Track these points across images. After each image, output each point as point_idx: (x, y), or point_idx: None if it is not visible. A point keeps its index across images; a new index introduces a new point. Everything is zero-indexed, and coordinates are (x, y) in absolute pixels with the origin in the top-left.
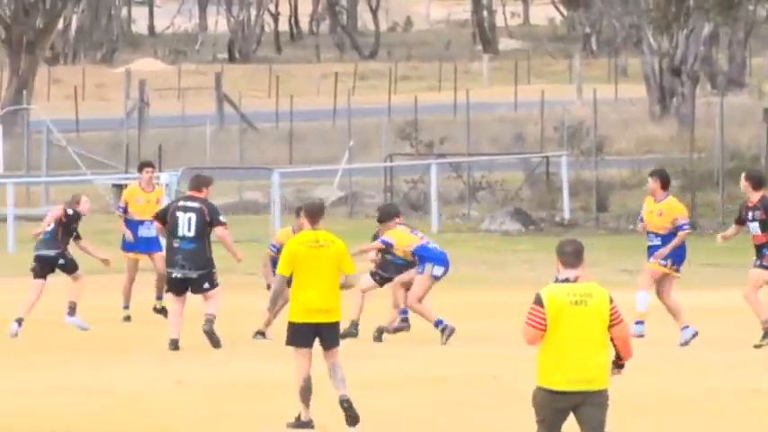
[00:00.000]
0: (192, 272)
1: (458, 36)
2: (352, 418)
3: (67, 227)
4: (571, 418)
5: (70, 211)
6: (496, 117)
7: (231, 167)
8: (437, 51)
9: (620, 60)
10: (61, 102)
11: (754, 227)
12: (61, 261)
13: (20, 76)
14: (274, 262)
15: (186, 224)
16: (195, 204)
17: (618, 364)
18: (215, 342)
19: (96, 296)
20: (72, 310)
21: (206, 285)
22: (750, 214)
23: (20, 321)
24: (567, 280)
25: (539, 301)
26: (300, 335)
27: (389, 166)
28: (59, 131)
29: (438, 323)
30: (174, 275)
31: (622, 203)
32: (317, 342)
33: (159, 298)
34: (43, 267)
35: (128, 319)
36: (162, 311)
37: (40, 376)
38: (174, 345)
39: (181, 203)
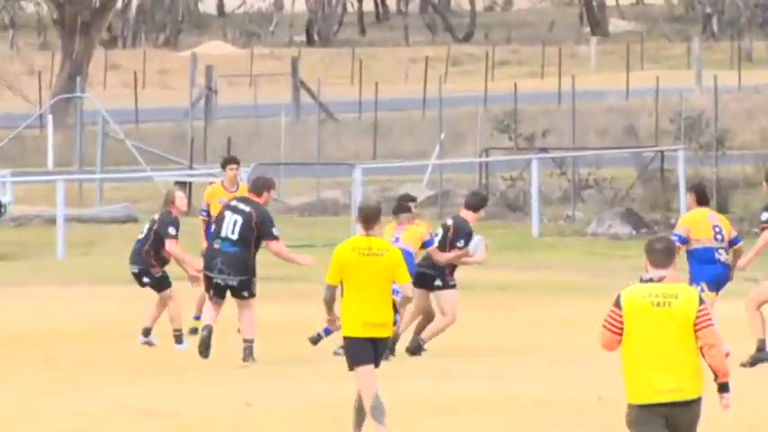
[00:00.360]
0: (231, 278)
1: (563, 16)
2: None
3: (155, 235)
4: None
5: (155, 216)
6: (605, 107)
7: (308, 163)
8: (540, 33)
9: (744, 44)
10: (119, 89)
11: None
12: (146, 279)
13: (73, 60)
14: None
15: (231, 226)
16: (246, 208)
17: (720, 385)
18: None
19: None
20: (146, 332)
21: (245, 293)
22: None
23: (146, 332)
24: (650, 280)
25: (617, 303)
26: (361, 349)
27: (485, 161)
28: (116, 122)
29: None
30: (214, 281)
31: (745, 204)
32: None
33: (197, 317)
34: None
35: (194, 331)
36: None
37: (100, 396)
38: (208, 333)
39: (233, 203)
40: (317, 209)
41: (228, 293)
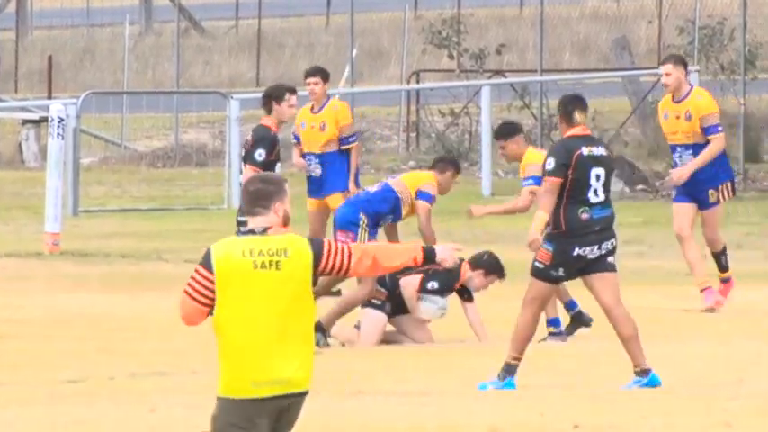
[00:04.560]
0: None
1: None
2: None
3: None
4: None
5: None
6: (587, 11)
7: (163, 92)
8: None
9: None
10: None
11: None
12: None
13: None
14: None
15: None
16: None
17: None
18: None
19: None
20: None
21: None
22: None
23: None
24: (252, 232)
25: (206, 262)
26: None
27: (414, 89)
28: None
29: None
30: None
31: None
32: None
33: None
34: None
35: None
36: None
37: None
38: None
39: None
40: (176, 157)
41: None
